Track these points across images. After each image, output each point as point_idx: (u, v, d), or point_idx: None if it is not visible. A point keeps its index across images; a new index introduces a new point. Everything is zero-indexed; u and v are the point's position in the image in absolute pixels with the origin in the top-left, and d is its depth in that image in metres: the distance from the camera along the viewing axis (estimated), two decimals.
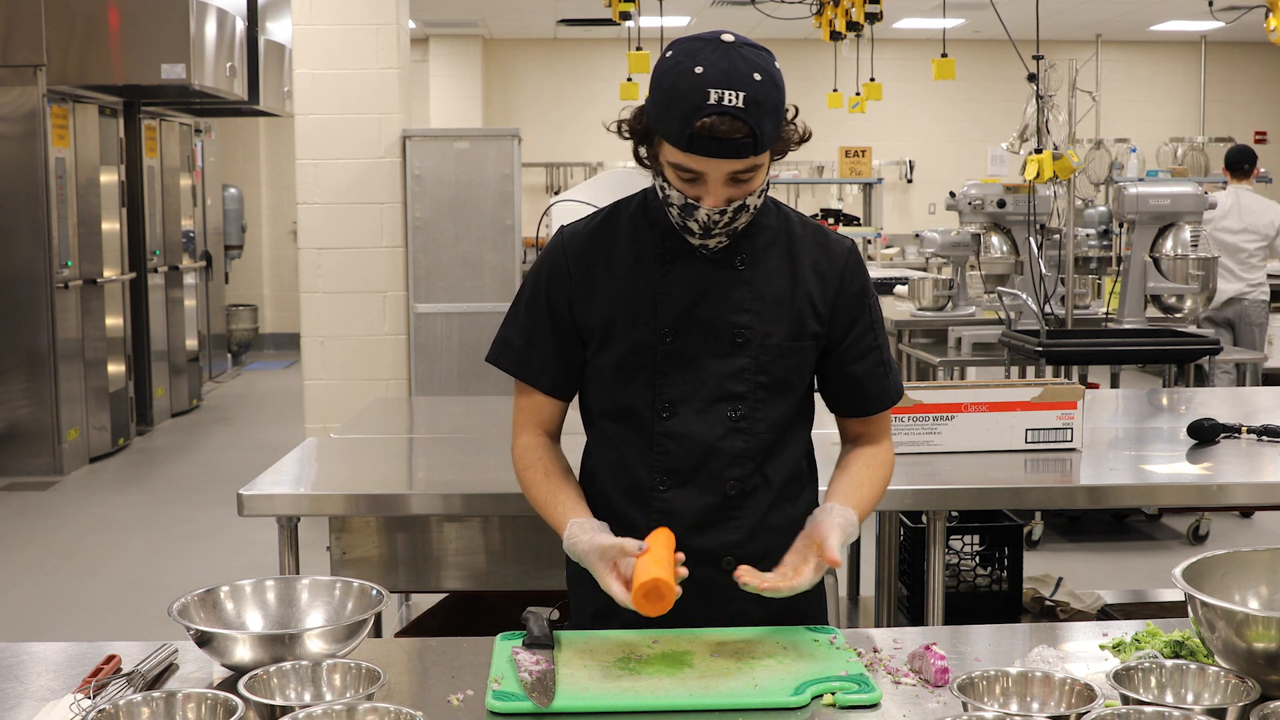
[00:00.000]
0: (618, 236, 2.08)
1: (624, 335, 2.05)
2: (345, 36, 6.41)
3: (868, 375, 2.12)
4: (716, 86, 1.85)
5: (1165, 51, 13.97)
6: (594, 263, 2.08)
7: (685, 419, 2.04)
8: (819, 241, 2.10)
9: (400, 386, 6.56)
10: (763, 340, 2.04)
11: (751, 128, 1.86)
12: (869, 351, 2.12)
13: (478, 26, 12.83)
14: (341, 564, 3.04)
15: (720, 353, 2.03)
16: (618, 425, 2.09)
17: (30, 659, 1.92)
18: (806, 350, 2.07)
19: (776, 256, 2.06)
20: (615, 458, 2.10)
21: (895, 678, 1.81)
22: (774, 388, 2.06)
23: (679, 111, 1.87)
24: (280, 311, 13.12)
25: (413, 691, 1.80)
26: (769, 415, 2.06)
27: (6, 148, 7.50)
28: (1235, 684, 1.63)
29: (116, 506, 6.98)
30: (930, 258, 8.09)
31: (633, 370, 2.05)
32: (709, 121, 1.85)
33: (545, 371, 2.12)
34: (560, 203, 4.48)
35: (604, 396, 2.11)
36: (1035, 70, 5.62)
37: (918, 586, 3.92)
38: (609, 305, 2.05)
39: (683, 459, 2.05)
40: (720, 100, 1.84)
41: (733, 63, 1.86)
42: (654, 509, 2.05)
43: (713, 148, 1.87)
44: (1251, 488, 3.14)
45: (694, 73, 1.86)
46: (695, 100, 1.85)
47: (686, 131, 1.86)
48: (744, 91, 1.85)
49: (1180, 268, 6.24)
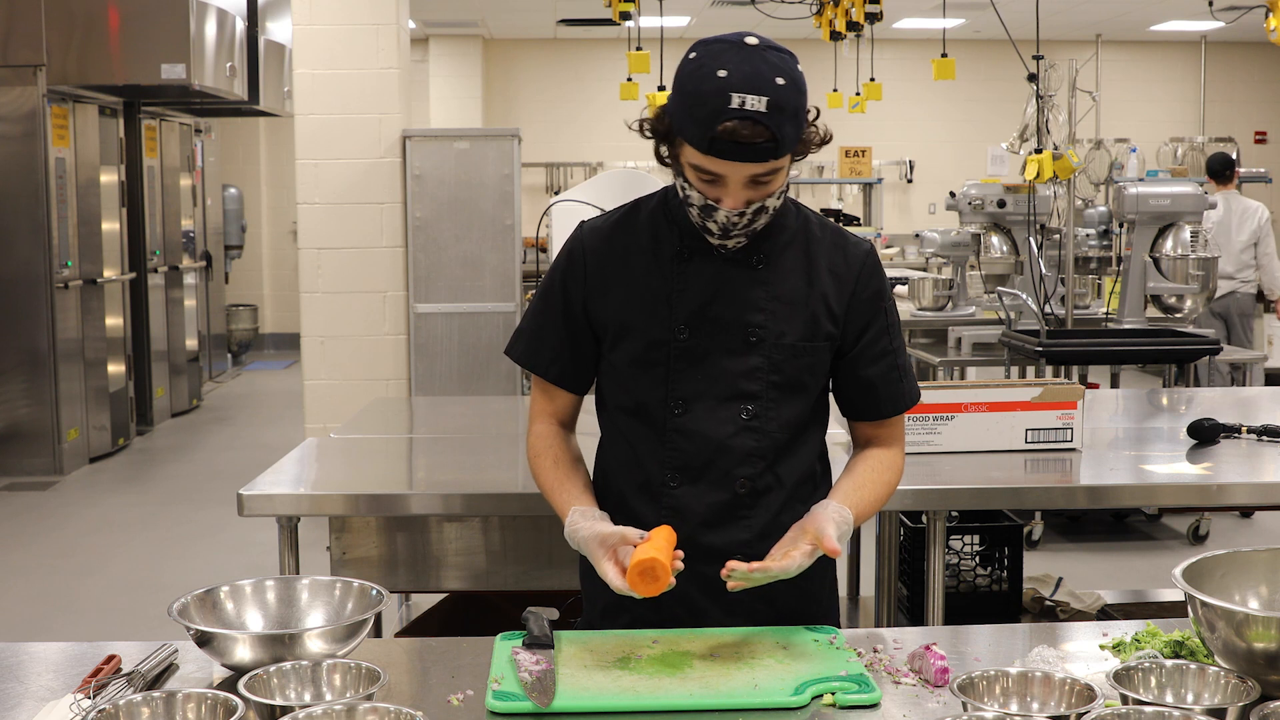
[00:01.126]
0: (636, 233, 2.09)
1: (639, 331, 2.06)
2: (345, 36, 6.41)
3: (881, 379, 2.12)
4: (739, 90, 1.84)
5: (1165, 51, 13.97)
6: (611, 258, 2.09)
7: (697, 416, 2.05)
8: (837, 243, 2.10)
9: (400, 386, 6.57)
10: (777, 340, 2.04)
11: (773, 132, 1.86)
12: (883, 355, 2.11)
13: (478, 26, 12.83)
14: (341, 564, 3.05)
15: (734, 351, 2.04)
16: (631, 421, 2.10)
17: (30, 659, 1.92)
18: (820, 351, 2.07)
19: (793, 257, 2.06)
20: (628, 453, 2.11)
21: (895, 678, 1.81)
22: (787, 387, 2.06)
23: (701, 115, 1.87)
24: (280, 311, 13.12)
25: (413, 691, 1.80)
26: (781, 415, 2.06)
27: (6, 148, 7.50)
28: (1235, 684, 1.63)
29: (116, 506, 6.98)
30: (930, 258, 8.09)
31: (647, 366, 2.06)
32: (731, 125, 1.84)
33: (555, 362, 2.14)
34: (560, 203, 4.48)
35: (618, 392, 2.12)
36: (1035, 70, 5.62)
37: (918, 586, 3.92)
38: (625, 301, 2.07)
39: (694, 456, 2.05)
40: (743, 104, 1.84)
41: (756, 66, 1.86)
42: (664, 505, 2.06)
43: (734, 151, 1.87)
44: (1251, 488, 3.15)
45: (717, 76, 1.86)
46: (717, 104, 1.85)
47: (708, 135, 1.86)
48: (766, 96, 1.85)
49: (1180, 268, 6.24)
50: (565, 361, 2.14)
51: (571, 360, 2.14)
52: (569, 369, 2.15)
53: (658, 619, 2.02)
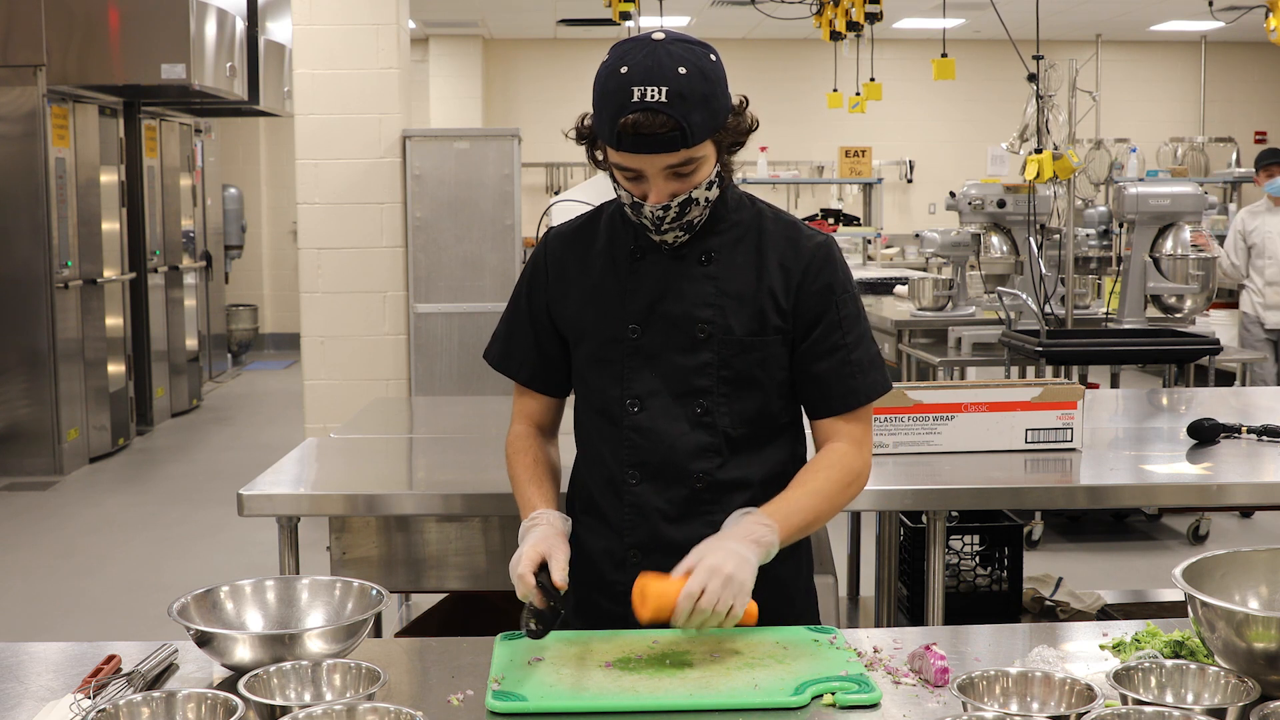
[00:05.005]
0: (596, 236, 2.15)
1: (595, 331, 2.10)
2: (345, 36, 6.41)
3: (832, 374, 2.08)
4: (639, 84, 1.88)
5: (1165, 51, 13.97)
6: (571, 261, 2.15)
7: (653, 413, 2.08)
8: (790, 237, 2.10)
9: (400, 386, 6.57)
10: (724, 335, 2.05)
11: (677, 121, 1.88)
12: (834, 350, 2.08)
13: (478, 26, 12.83)
14: (341, 564, 3.04)
15: (684, 347, 2.06)
16: (597, 419, 2.14)
17: (30, 659, 1.92)
18: (770, 345, 2.07)
19: (743, 252, 2.08)
20: (595, 451, 2.16)
21: (895, 678, 1.81)
22: (738, 382, 2.07)
23: (608, 112, 1.92)
24: (280, 311, 13.12)
25: (413, 691, 1.80)
26: (734, 410, 2.08)
27: (6, 148, 7.50)
28: (1235, 684, 1.63)
29: (116, 506, 6.98)
30: (930, 258, 8.10)
31: (604, 365, 2.10)
32: (633, 118, 1.88)
33: (524, 365, 2.20)
34: (560, 203, 4.48)
35: (585, 392, 2.17)
36: (1035, 70, 5.62)
37: (918, 586, 3.91)
38: (582, 302, 2.12)
39: (650, 453, 2.08)
40: (643, 96, 1.88)
41: (657, 59, 1.89)
42: (626, 502, 2.10)
43: (640, 144, 1.91)
44: (1251, 488, 3.14)
45: (620, 73, 1.90)
46: (621, 99, 1.89)
47: (614, 130, 1.91)
48: (666, 86, 1.88)
49: (1180, 268, 6.25)
50: (535, 364, 2.20)
51: (541, 363, 2.20)
52: (539, 371, 2.20)
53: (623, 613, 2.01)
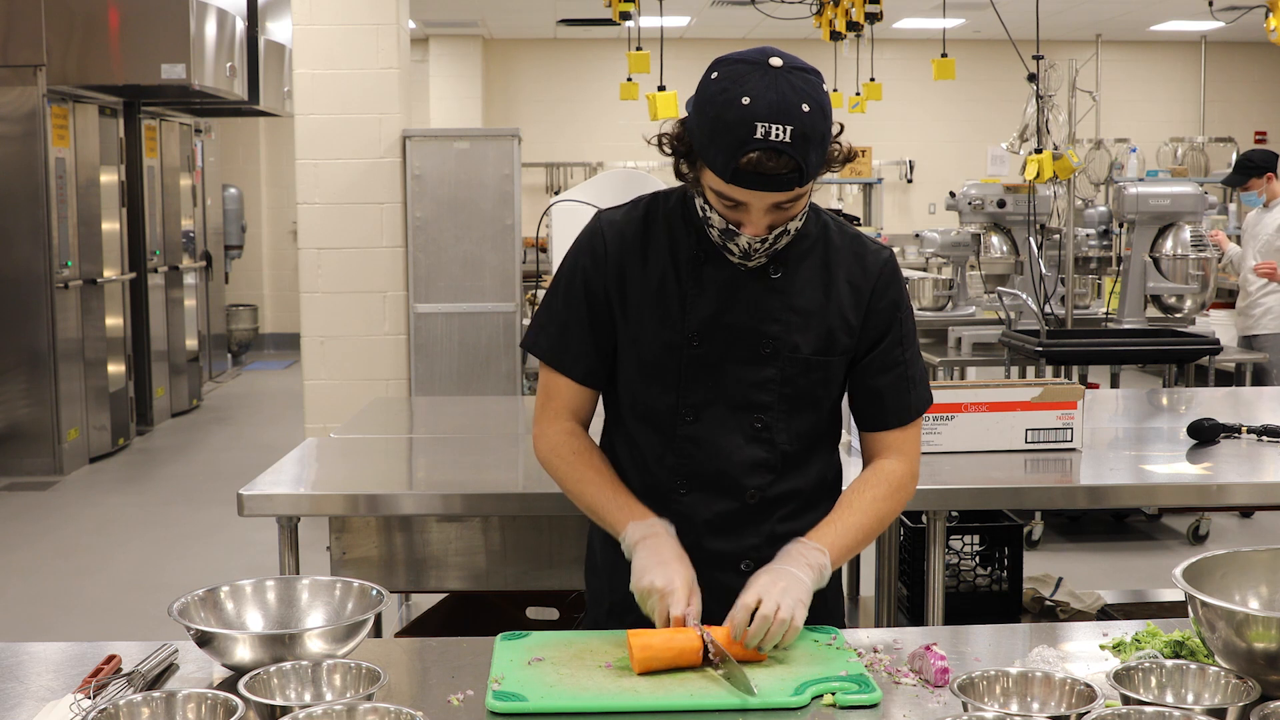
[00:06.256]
0: (654, 232, 2.04)
1: (652, 335, 2.02)
2: (345, 36, 6.41)
3: (890, 389, 2.08)
4: (764, 120, 1.78)
5: (1165, 51, 13.96)
6: (630, 254, 2.03)
7: (708, 425, 2.02)
8: (856, 252, 2.05)
9: (400, 386, 6.56)
10: (791, 352, 2.00)
11: (798, 162, 1.80)
12: (894, 365, 2.07)
13: (478, 26, 12.82)
14: (341, 564, 3.04)
15: (747, 361, 2.00)
16: (640, 424, 2.07)
17: (30, 659, 1.92)
18: (834, 365, 2.04)
19: (811, 267, 2.02)
20: (636, 456, 2.08)
21: (895, 678, 1.81)
22: (799, 400, 2.03)
23: (724, 143, 1.81)
24: (280, 311, 13.11)
25: (413, 691, 1.80)
26: (792, 427, 2.04)
27: (6, 148, 7.49)
28: (1235, 684, 1.63)
29: (116, 506, 6.98)
30: (930, 258, 8.09)
31: (658, 371, 2.02)
32: (755, 156, 1.79)
33: (580, 360, 2.08)
34: (560, 203, 4.48)
35: (629, 394, 2.08)
36: (1035, 70, 5.62)
37: (918, 586, 3.91)
38: (639, 302, 2.02)
39: (703, 464, 2.03)
40: (767, 134, 1.78)
41: (781, 93, 1.79)
42: (672, 510, 2.03)
43: (758, 182, 1.82)
44: (1251, 488, 3.14)
45: (740, 103, 1.79)
46: (741, 134, 1.79)
47: (731, 165, 1.81)
48: (792, 125, 1.79)
49: (1180, 268, 6.25)
50: (591, 358, 2.07)
51: (597, 358, 2.07)
52: (595, 366, 2.08)
53: None
